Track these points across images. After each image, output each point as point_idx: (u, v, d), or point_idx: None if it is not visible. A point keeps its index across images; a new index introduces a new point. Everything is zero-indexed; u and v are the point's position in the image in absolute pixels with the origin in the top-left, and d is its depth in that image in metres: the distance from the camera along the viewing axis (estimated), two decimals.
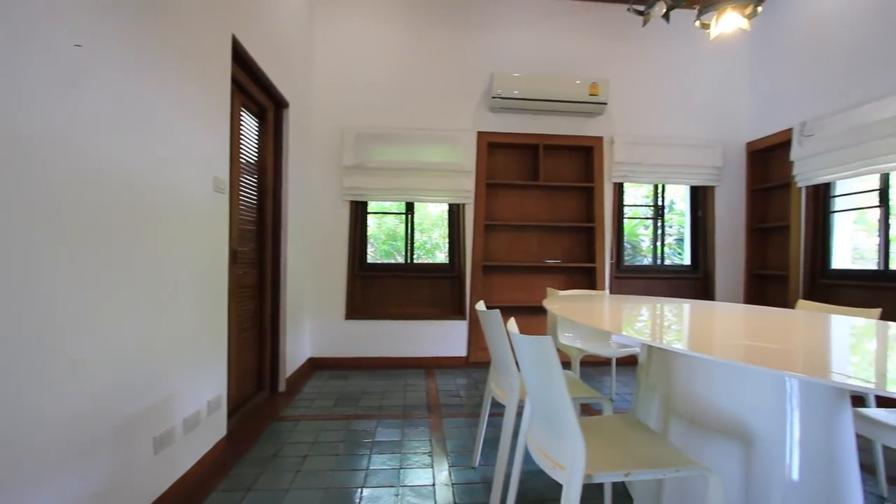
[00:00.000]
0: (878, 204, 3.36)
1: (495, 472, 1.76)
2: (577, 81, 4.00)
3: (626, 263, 4.53)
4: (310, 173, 3.89)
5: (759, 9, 2.30)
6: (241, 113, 2.63)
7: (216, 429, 2.20)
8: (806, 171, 3.72)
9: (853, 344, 1.36)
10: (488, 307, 1.86)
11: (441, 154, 4.02)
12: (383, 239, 4.39)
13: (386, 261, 4.33)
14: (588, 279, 4.30)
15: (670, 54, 4.33)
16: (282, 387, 3.20)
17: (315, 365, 3.91)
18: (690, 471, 1.14)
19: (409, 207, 4.23)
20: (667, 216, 4.65)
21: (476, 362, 4.06)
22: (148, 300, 1.63)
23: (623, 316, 1.89)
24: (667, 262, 4.64)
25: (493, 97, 3.93)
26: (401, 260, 4.28)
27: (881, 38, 3.20)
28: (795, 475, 1.30)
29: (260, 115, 2.95)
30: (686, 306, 2.29)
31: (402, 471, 2.09)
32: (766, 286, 4.32)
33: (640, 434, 1.36)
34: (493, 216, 4.24)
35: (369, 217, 4.24)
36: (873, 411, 1.65)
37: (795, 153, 3.80)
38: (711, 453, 1.43)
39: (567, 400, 1.09)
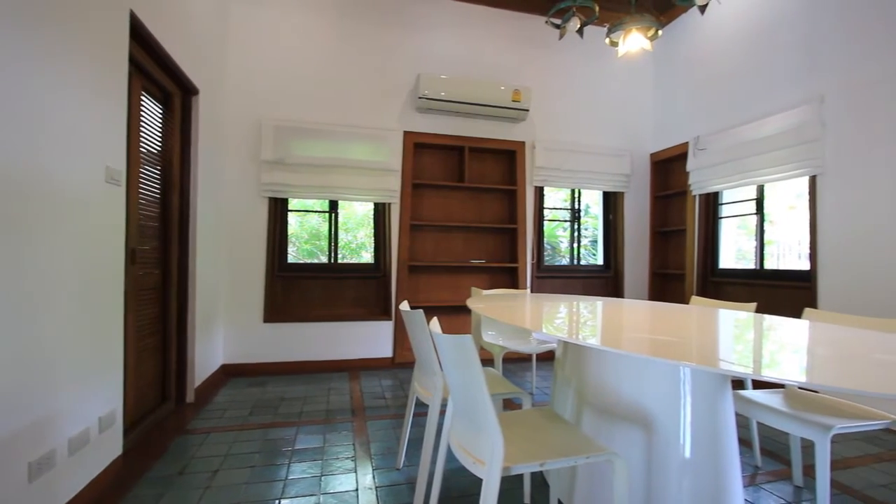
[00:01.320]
0: (755, 212, 3.84)
1: (419, 472, 1.76)
2: (502, 87, 4.13)
3: (546, 263, 4.76)
4: (224, 167, 3.63)
5: (660, 32, 2.53)
6: (142, 98, 2.39)
7: (110, 447, 1.98)
8: (699, 181, 4.16)
9: (736, 335, 1.54)
10: (415, 307, 1.85)
11: (367, 152, 3.95)
12: (306, 238, 4.22)
13: (309, 261, 4.16)
14: (511, 278, 4.46)
15: (586, 67, 4.62)
16: (190, 397, 2.95)
17: (229, 372, 3.66)
18: (599, 456, 1.22)
19: (334, 206, 4.11)
20: (583, 219, 4.95)
21: (402, 363, 4.04)
22: (18, 305, 1.41)
23: (543, 314, 1.98)
24: (582, 262, 4.94)
25: (420, 97, 3.94)
26: (324, 260, 4.14)
27: (756, 68, 3.66)
28: (688, 453, 1.44)
29: (165, 102, 2.70)
30: (599, 304, 2.45)
31: (323, 478, 2.01)
32: (666, 284, 4.76)
33: (555, 425, 1.43)
34: (419, 216, 4.25)
35: (290, 215, 4.05)
36: (750, 392, 1.88)
37: (690, 165, 4.23)
38: (618, 439, 1.54)
39: (486, 397, 1.11)
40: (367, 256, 4.29)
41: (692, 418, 1.44)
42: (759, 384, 2.22)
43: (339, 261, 4.15)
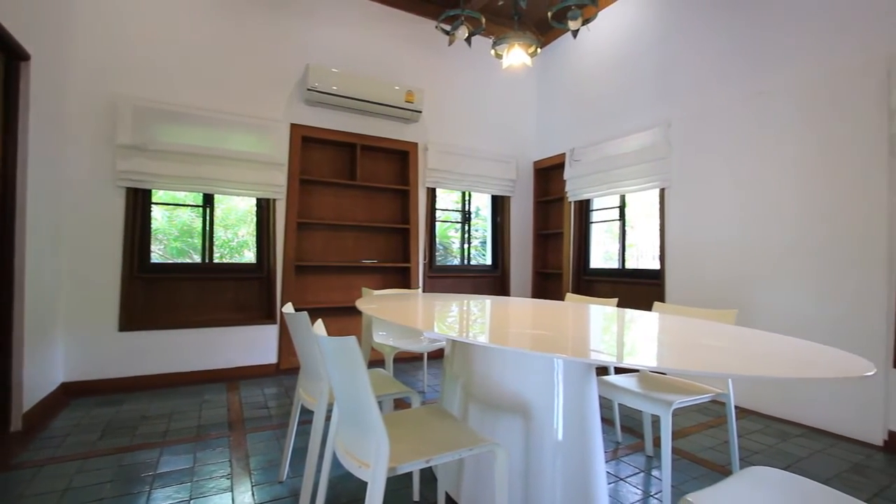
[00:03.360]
0: (618, 218, 4.35)
1: (303, 482, 1.67)
2: (396, 87, 4.12)
3: (438, 263, 4.87)
4: (67, 149, 3.08)
5: (539, 50, 2.74)
6: None
7: None
8: (574, 188, 4.58)
9: (604, 327, 1.72)
10: (303, 309, 1.75)
11: (248, 143, 3.65)
12: (175, 235, 3.76)
13: (178, 260, 3.72)
14: (403, 278, 4.47)
15: (477, 75, 4.82)
16: (16, 425, 2.45)
17: (72, 391, 3.11)
18: (482, 448, 1.27)
19: (209, 200, 3.73)
20: (473, 221, 5.16)
21: (289, 369, 3.81)
22: None
23: (434, 313, 2.01)
24: (473, 262, 5.14)
25: (309, 89, 3.76)
26: (198, 259, 3.73)
27: (621, 91, 4.16)
28: (560, 436, 1.56)
29: None
30: (487, 302, 2.56)
31: (193, 502, 1.81)
32: (546, 282, 5.17)
33: (442, 421, 1.45)
34: (307, 214, 4.05)
35: (155, 208, 3.58)
36: (612, 377, 2.11)
37: (567, 173, 4.64)
38: (501, 429, 1.62)
39: (371, 398, 1.09)
40: (249, 256, 3.97)
41: (564, 404, 1.57)
42: (620, 370, 2.51)
43: (216, 260, 3.78)
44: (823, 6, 2.77)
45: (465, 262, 5.06)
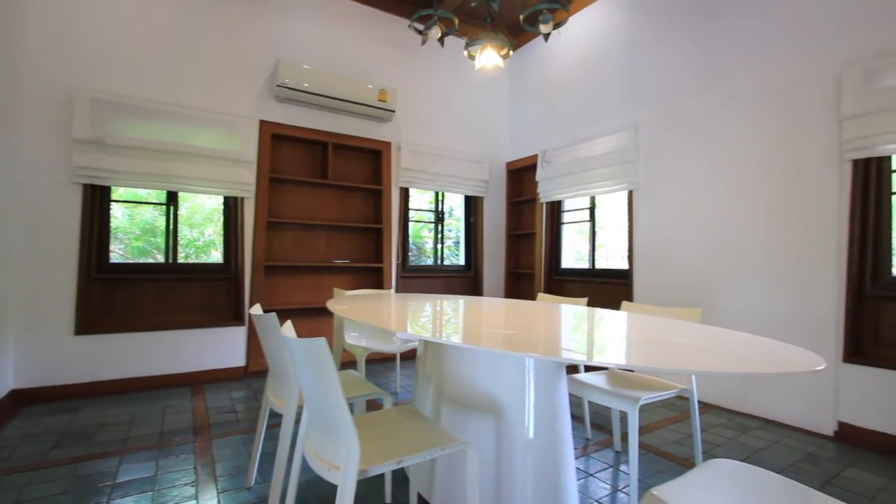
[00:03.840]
0: (589, 219, 4.44)
1: (271, 487, 1.63)
2: (369, 86, 4.08)
3: (412, 263, 4.85)
4: (15, 142, 2.91)
5: (511, 52, 2.77)
6: None
7: None
8: (546, 190, 4.65)
9: (575, 326, 1.75)
10: (272, 310, 1.71)
11: (216, 139, 3.54)
12: (137, 234, 3.62)
13: (140, 260, 3.58)
14: (376, 278, 4.43)
15: (450, 76, 4.83)
16: None
17: (23, 399, 2.93)
18: (454, 447, 1.27)
19: (173, 198, 3.59)
20: (446, 221, 5.16)
21: (257, 371, 3.72)
22: None
23: (407, 314, 2.00)
24: (446, 262, 5.15)
25: (279, 85, 3.68)
26: (161, 259, 3.60)
27: (592, 95, 4.24)
28: (531, 434, 1.58)
29: None
30: (461, 302, 2.56)
31: None
32: (519, 282, 5.23)
33: (413, 422, 1.45)
34: (277, 213, 3.96)
35: (115, 206, 3.43)
36: (583, 376, 2.15)
37: (539, 175, 4.71)
38: (473, 428, 1.63)
39: (341, 400, 1.07)
40: (216, 255, 3.86)
41: (535, 402, 1.59)
42: (589, 367, 2.56)
43: (181, 260, 3.65)
44: (781, 20, 2.90)
45: (439, 262, 5.06)
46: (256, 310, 1.76)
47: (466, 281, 5.11)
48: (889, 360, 2.44)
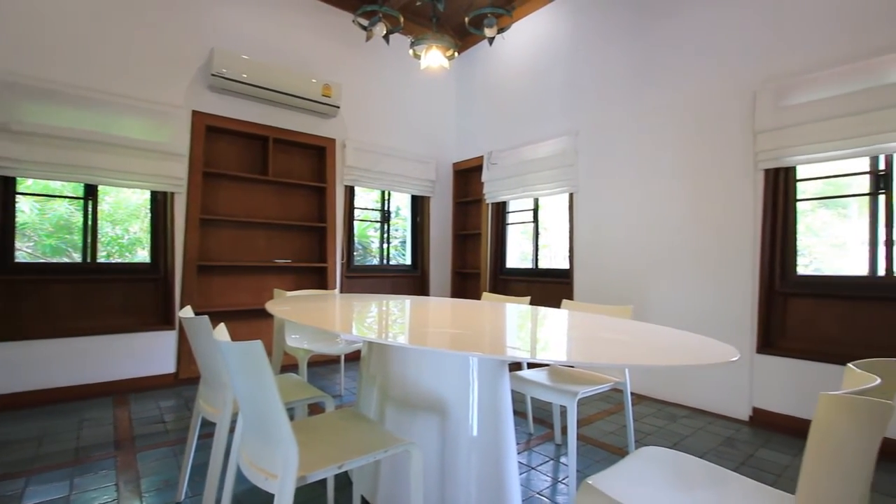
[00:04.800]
0: (532, 220, 4.57)
1: (204, 499, 1.54)
2: (313, 80, 3.96)
3: (357, 263, 4.76)
4: None
5: (456, 54, 2.80)
6: None
7: None
8: (491, 191, 4.73)
9: (519, 324, 1.79)
10: (206, 313, 1.61)
11: (141, 130, 3.29)
12: (49, 230, 3.28)
13: (53, 259, 3.25)
14: (319, 279, 4.31)
15: (398, 74, 4.79)
16: None
17: None
18: (397, 448, 1.25)
19: (92, 191, 3.30)
20: (393, 220, 5.12)
21: (189, 378, 3.49)
22: None
23: (352, 315, 1.95)
24: (392, 262, 5.10)
25: (215, 75, 3.48)
26: (79, 258, 3.29)
27: (535, 99, 4.37)
28: (475, 432, 1.60)
29: None
30: (407, 302, 2.55)
31: None
32: (465, 281, 5.28)
33: (356, 425, 1.42)
34: (212, 210, 3.75)
35: (22, 199, 3.10)
36: (525, 372, 2.21)
37: (485, 176, 4.78)
38: (418, 428, 1.62)
39: (279, 405, 1.03)
40: (142, 255, 3.58)
41: (479, 400, 1.61)
42: (532, 364, 2.64)
43: (102, 260, 3.36)
44: (705, 38, 3.13)
45: (385, 261, 5.01)
46: (187, 312, 1.65)
47: (413, 281, 5.10)
48: (796, 350, 2.71)
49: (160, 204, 3.52)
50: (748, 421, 2.83)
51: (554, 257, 4.47)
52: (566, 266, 4.10)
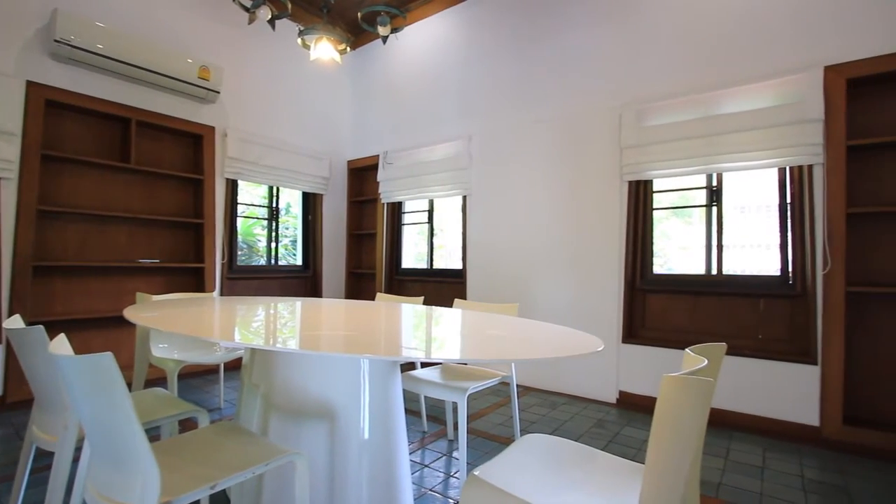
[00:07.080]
0: (427, 221, 4.63)
1: None
2: (189, 60, 3.56)
3: (241, 263, 4.40)
4: None
5: (349, 49, 2.72)
6: None
7: None
8: (387, 190, 4.70)
9: (415, 324, 1.78)
10: (45, 322, 1.34)
11: None
12: None
13: None
14: (196, 280, 3.89)
15: (288, 63, 4.52)
16: None
17: None
18: (280, 460, 1.17)
19: None
20: (282, 218, 4.82)
21: (20, 401, 2.91)
22: None
23: (234, 320, 1.78)
24: (281, 262, 4.80)
25: (58, 41, 2.95)
26: None
27: (431, 102, 4.44)
28: (366, 434, 1.56)
29: None
30: (297, 304, 2.40)
31: None
32: (360, 282, 5.17)
33: (234, 439, 1.30)
34: (54, 200, 3.17)
35: None
36: (418, 372, 2.22)
37: (381, 176, 4.73)
38: (306, 436, 1.53)
39: (134, 425, 0.90)
40: None
41: (370, 402, 1.57)
42: (425, 364, 2.67)
43: None
44: (580, 58, 3.46)
45: (273, 262, 4.70)
46: (14, 322, 1.37)
47: (304, 282, 4.85)
48: (652, 339, 3.12)
49: None
50: (615, 403, 3.18)
51: (449, 257, 4.58)
52: (460, 266, 4.23)
